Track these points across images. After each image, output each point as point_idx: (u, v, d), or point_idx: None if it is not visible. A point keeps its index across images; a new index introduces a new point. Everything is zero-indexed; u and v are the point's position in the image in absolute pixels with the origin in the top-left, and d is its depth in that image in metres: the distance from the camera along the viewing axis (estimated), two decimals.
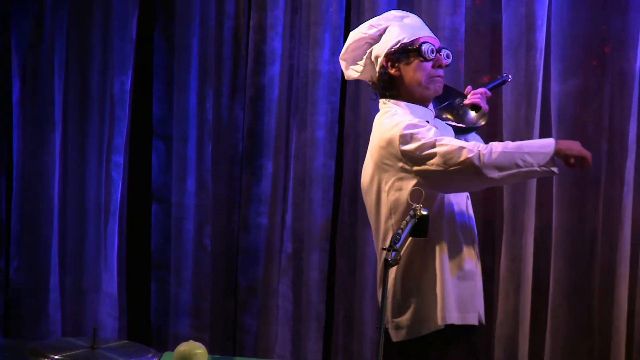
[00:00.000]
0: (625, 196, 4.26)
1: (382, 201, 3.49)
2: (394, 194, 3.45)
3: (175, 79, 4.79)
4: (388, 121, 3.47)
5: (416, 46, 3.52)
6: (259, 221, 4.76)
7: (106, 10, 4.80)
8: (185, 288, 4.80)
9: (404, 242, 3.01)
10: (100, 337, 3.47)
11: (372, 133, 3.56)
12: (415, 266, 3.45)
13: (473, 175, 3.34)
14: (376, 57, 3.58)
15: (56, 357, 3.30)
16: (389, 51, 3.54)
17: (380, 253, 3.53)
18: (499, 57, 4.43)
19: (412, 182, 3.40)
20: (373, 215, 3.56)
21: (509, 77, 3.89)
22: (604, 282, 4.33)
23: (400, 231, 3.00)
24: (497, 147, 3.33)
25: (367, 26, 3.64)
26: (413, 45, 3.53)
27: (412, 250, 3.41)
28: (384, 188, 3.48)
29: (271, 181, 4.73)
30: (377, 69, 3.58)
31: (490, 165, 3.32)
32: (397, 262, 2.91)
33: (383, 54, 3.56)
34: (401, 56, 3.53)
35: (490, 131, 4.28)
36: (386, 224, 3.49)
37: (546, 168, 3.34)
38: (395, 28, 3.57)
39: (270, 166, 4.73)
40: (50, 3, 4.79)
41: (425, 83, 3.54)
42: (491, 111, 3.90)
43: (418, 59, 3.52)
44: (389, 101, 3.57)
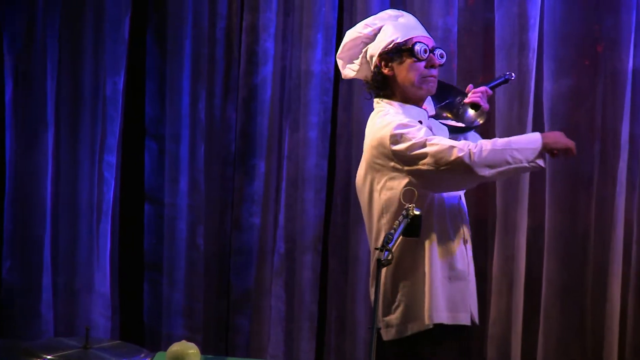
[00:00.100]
0: (617, 196, 4.26)
1: (375, 200, 3.50)
2: (386, 194, 3.46)
3: (167, 80, 4.79)
4: (380, 121, 3.48)
5: (409, 46, 3.53)
6: (252, 221, 4.76)
7: (98, 11, 4.79)
8: (178, 288, 4.80)
9: (397, 242, 3.01)
10: (92, 337, 3.47)
11: (366, 133, 3.56)
12: (405, 265, 3.45)
13: (464, 173, 3.36)
14: (371, 57, 3.59)
15: (49, 357, 3.30)
16: (383, 51, 3.56)
17: (373, 252, 3.54)
18: (492, 57, 4.43)
19: (404, 182, 3.41)
20: (366, 214, 3.57)
21: (512, 76, 3.87)
22: (597, 282, 4.33)
23: (392, 231, 3.00)
24: (487, 145, 3.35)
25: (363, 25, 3.65)
26: (406, 45, 3.54)
27: (403, 249, 3.41)
28: (376, 187, 3.48)
29: (264, 181, 4.73)
30: (372, 69, 3.59)
31: (480, 163, 3.34)
32: (390, 262, 2.91)
33: (377, 54, 3.57)
34: (394, 56, 3.54)
35: (482, 130, 4.28)
36: (378, 224, 3.49)
37: (534, 163, 3.39)
38: (389, 28, 3.58)
39: (262, 166, 4.73)
40: (42, 4, 4.78)
41: (418, 83, 3.54)
42: None
43: (411, 59, 3.53)
44: (383, 101, 3.58)
